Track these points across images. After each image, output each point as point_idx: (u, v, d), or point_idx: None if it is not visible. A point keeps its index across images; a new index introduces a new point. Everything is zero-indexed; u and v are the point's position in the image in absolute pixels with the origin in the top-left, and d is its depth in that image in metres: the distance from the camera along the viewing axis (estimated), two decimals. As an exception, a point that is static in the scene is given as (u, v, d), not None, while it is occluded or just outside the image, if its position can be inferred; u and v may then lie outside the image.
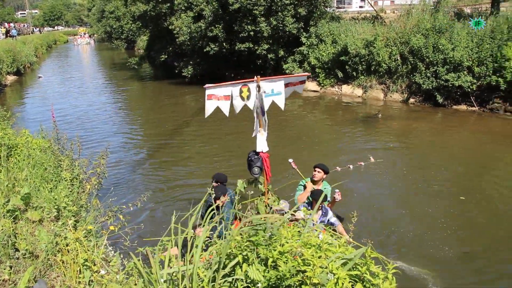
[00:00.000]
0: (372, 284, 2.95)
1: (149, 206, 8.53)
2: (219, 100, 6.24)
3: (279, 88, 6.56)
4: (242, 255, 2.90)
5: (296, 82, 6.91)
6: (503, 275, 6.39)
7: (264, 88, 6.26)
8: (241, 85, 6.26)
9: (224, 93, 6.24)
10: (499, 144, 12.73)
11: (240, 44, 21.38)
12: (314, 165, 7.09)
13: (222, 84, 6.26)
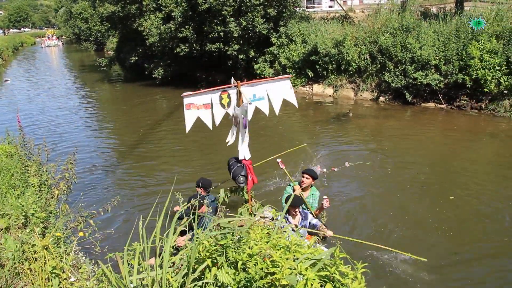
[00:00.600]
0: (342, 284, 2.99)
1: (121, 210, 8.43)
2: (199, 109, 5.96)
3: (261, 93, 6.28)
4: (211, 259, 2.89)
5: (281, 87, 6.51)
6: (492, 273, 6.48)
7: (246, 95, 5.99)
8: (221, 91, 6.03)
9: (203, 101, 5.97)
10: (469, 141, 13.06)
11: (210, 45, 21.32)
12: (302, 170, 6.95)
13: (200, 92, 6.01)
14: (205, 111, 5.97)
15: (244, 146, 6.26)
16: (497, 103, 15.88)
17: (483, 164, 11.24)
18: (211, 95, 5.98)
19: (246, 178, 6.26)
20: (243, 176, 6.24)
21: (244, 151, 6.28)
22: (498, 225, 7.86)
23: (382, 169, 10.74)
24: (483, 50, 15.72)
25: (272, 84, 6.44)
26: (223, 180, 8.22)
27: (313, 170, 6.89)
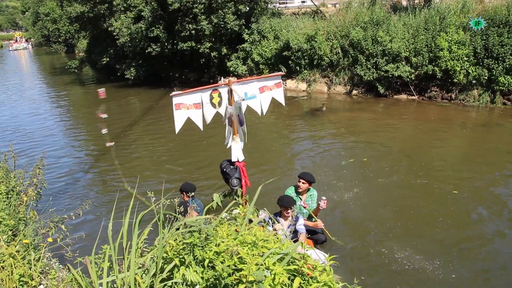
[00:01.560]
0: (311, 277, 2.99)
1: (93, 215, 8.31)
2: (189, 109, 5.74)
3: (253, 91, 6.08)
4: (179, 258, 2.86)
5: (272, 86, 6.32)
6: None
7: (238, 93, 5.79)
8: (211, 90, 5.81)
9: (193, 100, 5.75)
10: (441, 131, 13.27)
11: (182, 43, 21.16)
12: (299, 174, 6.77)
13: (190, 91, 5.78)
14: (195, 111, 5.77)
15: (238, 147, 6.07)
16: (466, 93, 16.20)
17: (455, 152, 11.48)
18: (201, 94, 5.77)
19: (240, 181, 6.08)
20: (237, 178, 6.05)
21: (238, 153, 6.08)
22: (473, 207, 8.05)
23: (358, 161, 10.81)
24: (451, 41, 15.99)
25: (263, 82, 6.26)
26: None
27: (310, 174, 6.72)
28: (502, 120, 14.27)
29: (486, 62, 15.47)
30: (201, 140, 12.74)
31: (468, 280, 5.93)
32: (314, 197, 6.79)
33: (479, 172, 9.86)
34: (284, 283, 2.83)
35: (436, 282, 5.88)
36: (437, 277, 5.98)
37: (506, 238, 7.05)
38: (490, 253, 6.58)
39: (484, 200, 8.46)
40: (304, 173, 6.75)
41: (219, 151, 10.29)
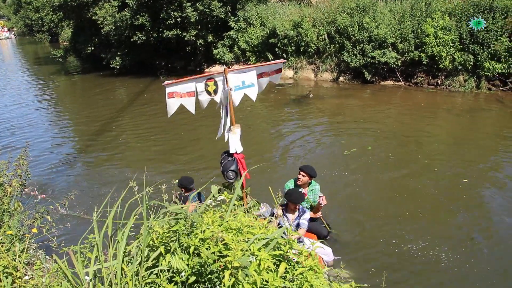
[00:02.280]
0: (297, 262, 3.00)
1: (80, 204, 8.25)
2: (182, 97, 5.54)
3: (251, 79, 5.77)
4: (164, 246, 2.85)
5: (271, 72, 5.98)
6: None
7: (232, 82, 5.55)
8: (206, 79, 5.58)
9: (187, 89, 5.53)
10: (428, 116, 13.36)
11: (167, 31, 20.96)
12: (300, 167, 6.52)
13: (183, 80, 5.54)
14: (188, 99, 5.58)
15: (235, 138, 5.77)
16: (452, 79, 16.30)
17: (442, 137, 11.57)
18: (195, 84, 5.55)
19: (237, 173, 5.80)
20: (233, 171, 5.77)
21: (235, 144, 5.79)
22: (458, 189, 8.18)
23: (346, 148, 10.86)
24: (437, 27, 16.04)
25: (263, 69, 5.91)
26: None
27: (311, 167, 6.45)
28: (488, 105, 14.40)
29: (472, 48, 15.55)
30: (191, 123, 12.70)
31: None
32: (317, 192, 6.57)
33: (483, 156, 10.01)
34: (269, 268, 2.83)
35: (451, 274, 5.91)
36: (451, 269, 5.99)
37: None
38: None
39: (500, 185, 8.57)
40: (305, 165, 6.51)
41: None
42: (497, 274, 5.80)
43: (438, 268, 5.99)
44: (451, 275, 5.82)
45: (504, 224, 7.09)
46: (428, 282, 5.76)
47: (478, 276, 5.77)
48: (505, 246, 6.48)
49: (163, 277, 2.79)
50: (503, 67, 15.14)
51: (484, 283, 5.63)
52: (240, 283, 2.62)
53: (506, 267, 5.98)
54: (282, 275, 2.88)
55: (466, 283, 5.70)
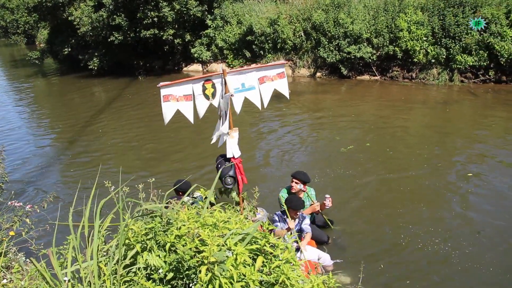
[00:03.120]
0: (274, 255, 3.14)
1: (59, 206, 8.26)
2: (178, 101, 5.27)
3: (251, 82, 5.49)
4: (141, 244, 2.96)
5: (274, 76, 5.63)
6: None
7: (232, 85, 5.33)
8: (204, 81, 5.35)
9: (183, 92, 5.28)
10: (404, 109, 13.65)
11: (145, 31, 20.87)
12: (292, 174, 6.29)
13: (180, 81, 5.32)
14: (185, 103, 5.31)
15: (233, 142, 5.57)
16: (426, 72, 16.64)
17: (418, 129, 11.85)
18: (192, 85, 5.31)
19: (235, 179, 5.62)
20: (231, 177, 5.57)
21: (233, 148, 5.57)
22: (433, 179, 8.41)
23: (326, 142, 11.06)
24: (410, 22, 16.32)
25: (264, 72, 5.61)
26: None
27: (304, 172, 6.26)
28: (461, 97, 14.76)
29: (444, 42, 15.88)
30: (174, 122, 12.72)
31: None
32: (313, 197, 6.40)
33: (440, 145, 10.24)
34: (247, 262, 2.95)
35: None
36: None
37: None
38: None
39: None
40: (297, 172, 6.28)
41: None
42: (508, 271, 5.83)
43: (446, 264, 6.02)
44: (461, 273, 5.82)
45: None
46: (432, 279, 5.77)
47: (489, 274, 5.79)
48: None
49: (141, 275, 2.90)
50: (474, 60, 15.50)
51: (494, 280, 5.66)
52: (217, 278, 2.73)
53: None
54: (259, 268, 3.00)
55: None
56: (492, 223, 7.02)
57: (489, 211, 7.37)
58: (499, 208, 7.44)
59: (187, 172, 9.21)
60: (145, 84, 21.05)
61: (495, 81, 15.84)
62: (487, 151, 9.92)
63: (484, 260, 6.03)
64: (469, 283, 5.66)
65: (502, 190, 8.06)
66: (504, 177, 8.51)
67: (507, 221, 6.99)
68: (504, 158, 9.51)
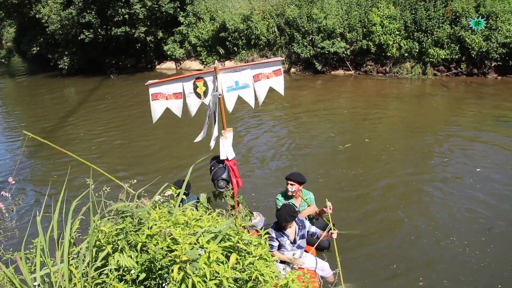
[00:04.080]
0: (247, 252, 3.05)
1: (27, 209, 8.02)
2: (167, 99, 5.10)
3: (246, 79, 5.23)
4: (112, 245, 2.84)
5: (269, 73, 5.40)
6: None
7: (223, 83, 5.08)
8: (195, 78, 5.11)
9: (173, 90, 5.10)
10: (378, 103, 13.77)
11: (116, 29, 20.54)
12: (286, 176, 6.00)
13: (169, 79, 5.12)
14: (175, 101, 5.12)
15: (227, 144, 5.32)
16: (400, 66, 16.81)
17: (392, 122, 11.93)
18: (183, 84, 5.09)
19: (228, 182, 5.37)
20: (224, 180, 5.32)
21: (227, 150, 5.33)
22: (405, 170, 8.48)
23: (303, 139, 11.03)
24: (383, 16, 16.45)
25: (259, 69, 5.37)
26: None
27: (298, 174, 5.99)
28: (434, 90, 14.93)
29: (416, 35, 16.04)
30: (148, 118, 12.50)
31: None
32: (312, 200, 6.13)
33: (413, 138, 10.31)
34: (220, 260, 2.86)
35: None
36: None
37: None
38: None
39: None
40: (291, 173, 5.99)
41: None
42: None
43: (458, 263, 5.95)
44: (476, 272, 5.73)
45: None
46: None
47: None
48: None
49: (113, 277, 2.78)
50: (446, 53, 15.71)
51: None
52: (190, 277, 2.63)
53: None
54: (233, 266, 2.91)
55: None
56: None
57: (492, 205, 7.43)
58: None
59: (160, 172, 9.08)
60: (118, 83, 20.71)
61: (467, 73, 16.11)
62: (464, 141, 10.15)
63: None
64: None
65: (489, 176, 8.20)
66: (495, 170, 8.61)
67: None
68: (481, 148, 9.73)
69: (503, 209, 7.12)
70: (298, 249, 5.37)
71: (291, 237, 5.31)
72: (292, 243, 5.31)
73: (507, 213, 7.00)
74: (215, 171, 5.37)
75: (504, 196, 7.49)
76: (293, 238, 5.33)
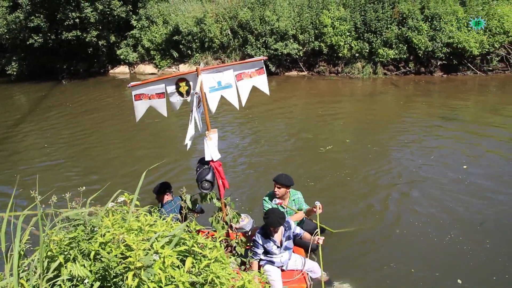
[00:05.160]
0: (203, 255, 3.10)
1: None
2: (150, 99, 5.11)
3: (228, 79, 5.20)
4: (64, 255, 2.83)
5: (252, 72, 5.35)
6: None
7: (206, 83, 5.03)
8: (177, 79, 5.08)
9: (156, 90, 5.08)
10: (332, 102, 14.05)
11: (66, 33, 20.07)
12: (273, 179, 5.89)
13: (151, 81, 5.09)
14: (158, 101, 5.13)
15: (212, 144, 5.24)
16: (351, 66, 17.22)
17: (345, 121, 12.20)
18: (165, 85, 5.08)
19: (212, 183, 5.29)
20: (208, 181, 5.24)
21: (212, 151, 5.25)
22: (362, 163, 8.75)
23: (257, 143, 11.12)
24: (333, 18, 16.82)
25: (241, 70, 5.33)
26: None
27: (285, 176, 5.86)
28: (385, 89, 15.39)
29: (366, 36, 16.49)
30: (101, 122, 12.27)
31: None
32: (300, 200, 6.09)
33: (367, 135, 10.62)
34: (175, 264, 2.89)
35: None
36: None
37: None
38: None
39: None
40: (278, 176, 5.88)
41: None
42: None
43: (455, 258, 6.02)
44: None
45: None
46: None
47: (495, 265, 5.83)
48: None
49: (66, 287, 2.77)
50: (395, 53, 16.25)
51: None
52: (145, 283, 2.66)
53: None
54: (188, 269, 2.95)
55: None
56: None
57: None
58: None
59: (117, 179, 8.99)
60: (70, 88, 20.22)
61: (415, 72, 16.70)
62: (416, 136, 10.57)
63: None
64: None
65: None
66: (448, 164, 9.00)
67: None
68: (430, 142, 10.18)
69: (443, 199, 7.47)
70: (286, 251, 5.34)
71: (277, 242, 5.28)
72: (279, 246, 5.28)
73: (442, 202, 7.40)
74: (200, 172, 5.29)
75: (447, 191, 7.81)
76: (279, 241, 5.30)
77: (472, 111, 12.54)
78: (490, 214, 6.93)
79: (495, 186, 7.84)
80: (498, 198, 7.44)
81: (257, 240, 5.24)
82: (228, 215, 5.40)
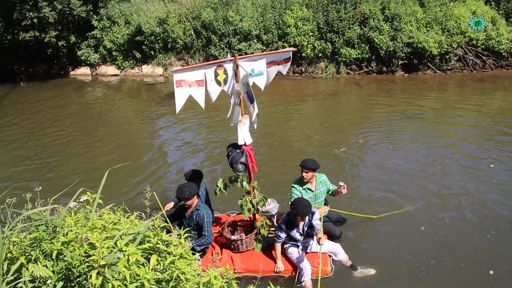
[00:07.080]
0: (168, 252, 3.07)
1: None
2: (191, 87, 5.25)
3: (261, 68, 5.60)
4: (25, 256, 2.75)
5: (281, 61, 5.81)
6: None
7: (245, 68, 5.27)
8: (216, 66, 5.32)
9: (196, 77, 5.26)
10: (296, 102, 14.18)
11: (24, 33, 19.48)
12: (300, 164, 6.15)
13: (192, 66, 5.27)
14: (197, 89, 5.31)
15: (245, 129, 5.52)
16: (315, 66, 17.42)
17: (309, 119, 12.34)
18: (204, 71, 5.29)
19: (246, 166, 5.56)
20: (242, 163, 5.50)
21: (245, 135, 5.53)
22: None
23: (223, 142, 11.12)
24: (296, 18, 16.97)
25: (273, 57, 5.76)
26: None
27: (311, 160, 6.10)
28: (348, 88, 15.64)
29: (329, 36, 16.71)
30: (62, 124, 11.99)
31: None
32: (326, 181, 6.37)
33: (329, 133, 10.75)
34: (140, 262, 2.86)
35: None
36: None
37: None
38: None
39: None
40: (304, 161, 6.12)
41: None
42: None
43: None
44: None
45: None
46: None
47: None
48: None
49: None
50: (357, 53, 16.54)
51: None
52: (109, 281, 2.62)
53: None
54: (153, 267, 2.92)
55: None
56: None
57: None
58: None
59: (76, 177, 8.81)
60: (29, 90, 19.58)
61: (377, 72, 17.03)
62: (377, 134, 10.82)
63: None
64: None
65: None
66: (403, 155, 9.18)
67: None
68: (393, 139, 10.50)
69: (411, 196, 7.67)
70: (309, 237, 5.70)
71: (300, 229, 5.61)
72: (302, 234, 5.62)
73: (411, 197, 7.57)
74: (233, 156, 5.54)
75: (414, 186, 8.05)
76: (302, 229, 5.62)
77: (433, 109, 12.91)
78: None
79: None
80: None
81: (282, 226, 5.60)
82: (256, 198, 5.71)
